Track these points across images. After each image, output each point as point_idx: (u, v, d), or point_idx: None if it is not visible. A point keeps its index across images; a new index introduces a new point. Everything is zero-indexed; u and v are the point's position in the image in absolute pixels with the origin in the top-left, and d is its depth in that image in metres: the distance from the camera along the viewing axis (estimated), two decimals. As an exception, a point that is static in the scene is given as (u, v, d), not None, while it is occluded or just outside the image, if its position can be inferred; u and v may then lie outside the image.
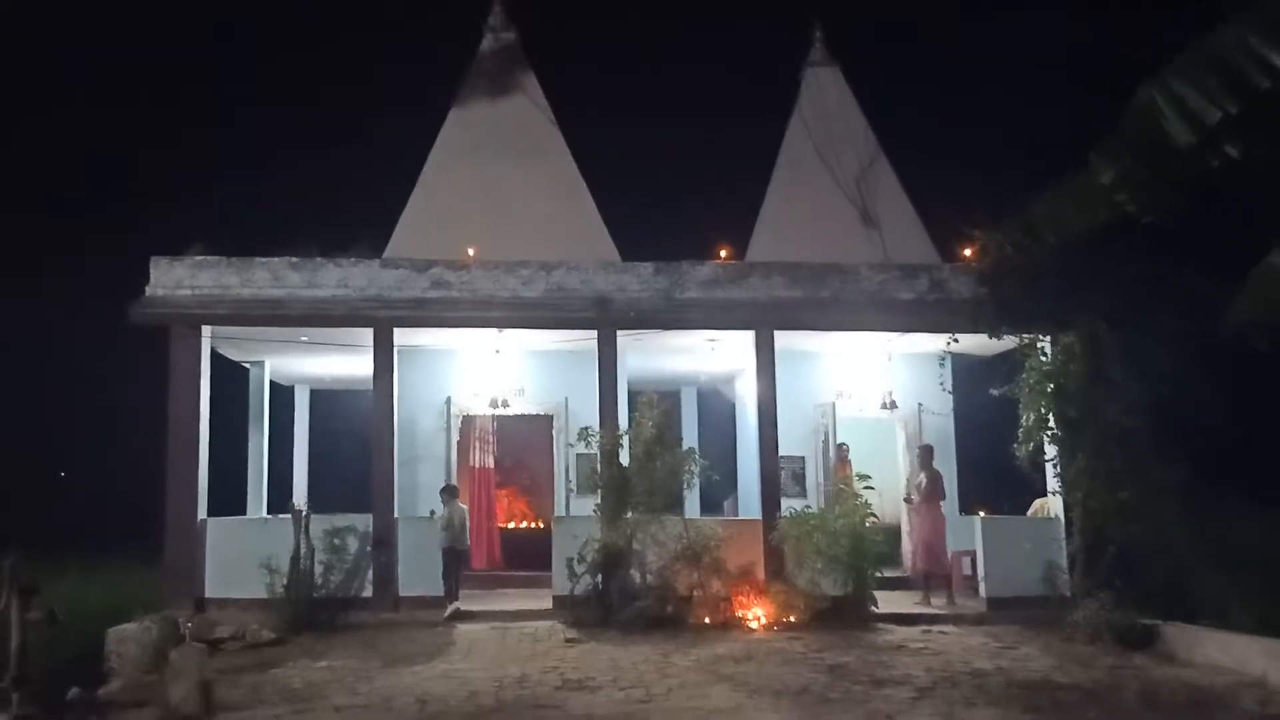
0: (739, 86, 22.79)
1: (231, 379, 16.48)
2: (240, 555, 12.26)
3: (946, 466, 15.18)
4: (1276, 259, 4.00)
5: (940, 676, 9.13)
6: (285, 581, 11.90)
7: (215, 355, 14.43)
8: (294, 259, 12.63)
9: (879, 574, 12.27)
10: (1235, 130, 4.20)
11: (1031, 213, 5.27)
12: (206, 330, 12.89)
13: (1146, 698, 8.39)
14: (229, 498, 15.75)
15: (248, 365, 16.14)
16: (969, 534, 13.79)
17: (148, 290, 12.74)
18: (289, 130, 28.15)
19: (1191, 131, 4.22)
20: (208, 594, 12.45)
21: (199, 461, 12.70)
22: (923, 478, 13.41)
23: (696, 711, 7.90)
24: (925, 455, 13.71)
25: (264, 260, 12.62)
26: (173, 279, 12.73)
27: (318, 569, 12.14)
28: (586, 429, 12.42)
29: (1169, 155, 4.36)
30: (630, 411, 13.24)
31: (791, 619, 11.72)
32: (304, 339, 13.95)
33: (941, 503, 13.48)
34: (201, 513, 12.74)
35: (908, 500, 13.69)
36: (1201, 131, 4.21)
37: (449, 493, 12.88)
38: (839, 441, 14.70)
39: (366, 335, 13.02)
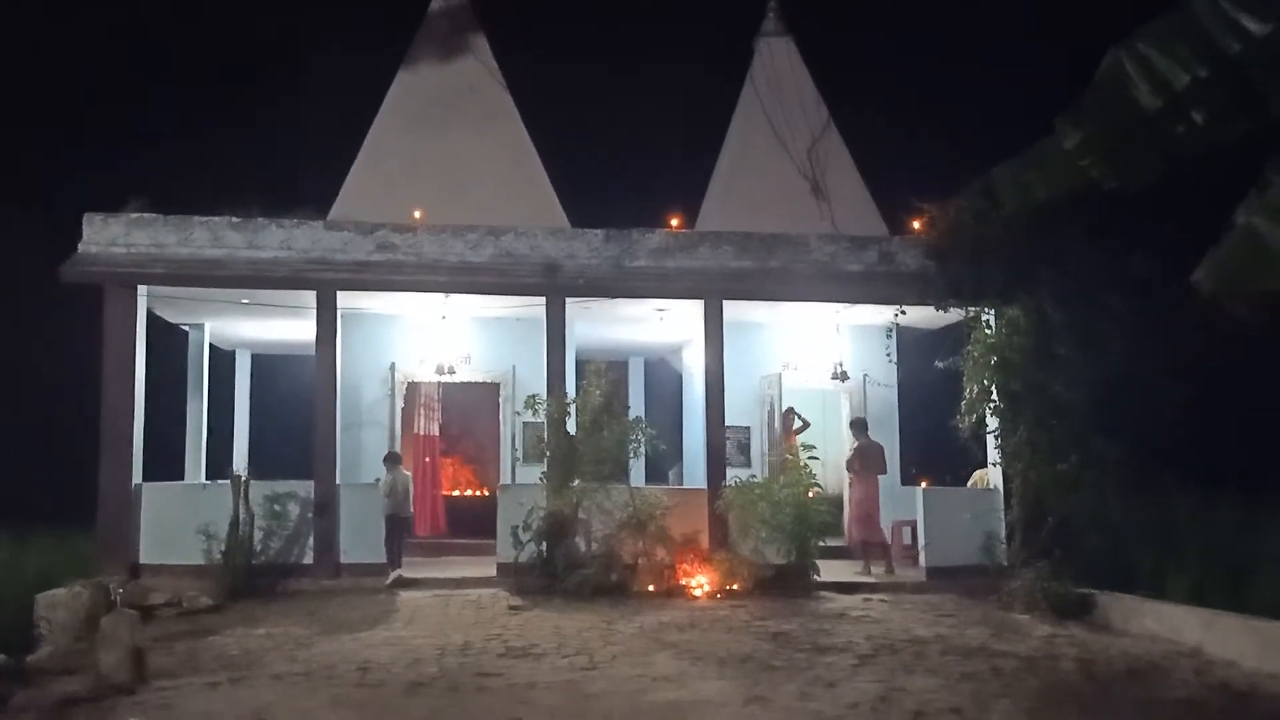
0: (692, 54, 22.61)
1: (169, 342, 16.11)
2: (177, 521, 12.03)
3: (889, 438, 15.34)
4: (1255, 220, 3.96)
5: (880, 644, 9.22)
6: (223, 548, 11.69)
7: (152, 317, 14.08)
8: (234, 219, 12.31)
9: (821, 543, 12.39)
10: (1204, 96, 4.17)
11: (993, 178, 5.22)
12: (142, 290, 12.53)
13: (1084, 666, 8.53)
14: (167, 464, 15.43)
15: (186, 328, 15.77)
16: (910, 504, 13.97)
17: (80, 247, 12.35)
18: (233, 88, 27.26)
19: (1159, 96, 4.19)
20: (143, 560, 12.19)
21: (134, 425, 12.39)
22: (852, 449, 13.57)
23: (640, 679, 7.89)
24: (857, 427, 13.83)
25: (203, 219, 12.28)
26: (107, 236, 12.35)
27: (257, 535, 11.97)
28: (534, 397, 12.32)
29: (1135, 121, 4.32)
30: (578, 381, 13.17)
31: (735, 587, 11.78)
32: (245, 301, 13.65)
33: (881, 474, 13.67)
34: (136, 478, 12.46)
35: (850, 469, 13.80)
36: (1169, 96, 4.18)
37: (391, 460, 12.73)
38: (786, 407, 14.75)
39: (309, 299, 12.76)
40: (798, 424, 14.31)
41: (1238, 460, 11.67)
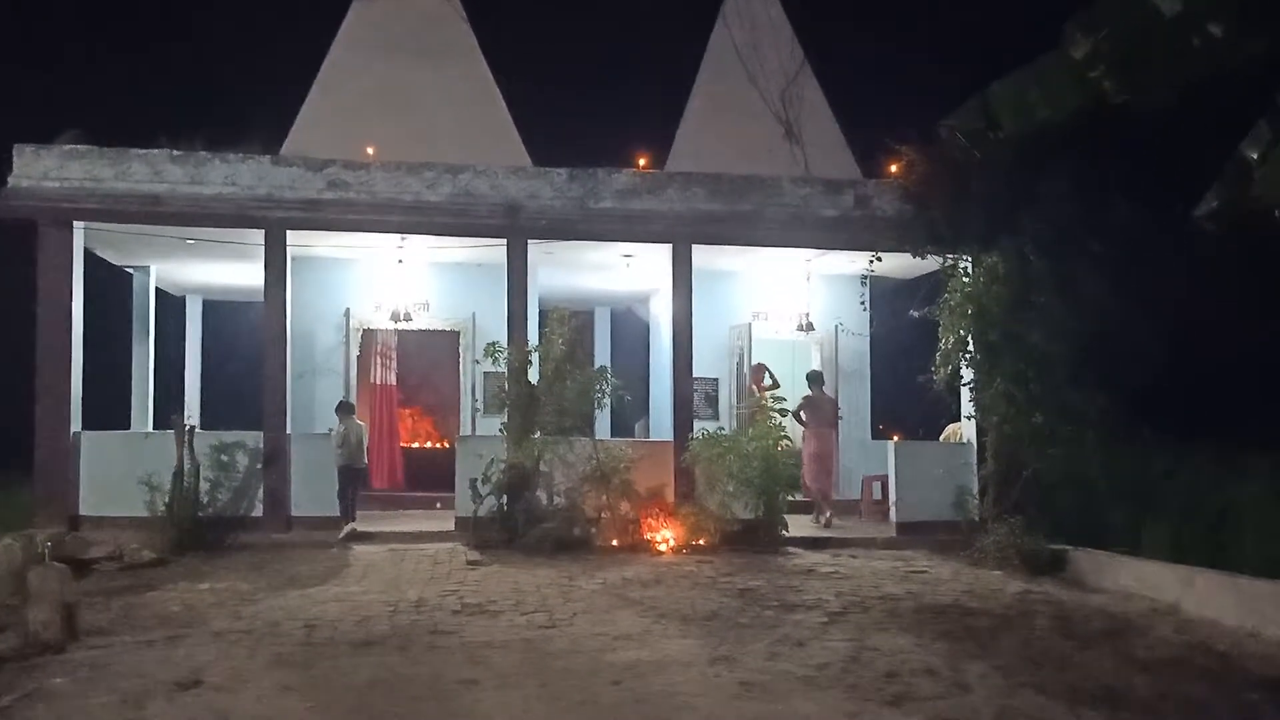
0: None
1: (114, 285, 15.44)
2: (119, 472, 11.48)
3: (860, 390, 15.07)
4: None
5: (851, 601, 8.92)
6: (167, 500, 11.16)
7: (94, 258, 13.47)
8: (175, 152, 11.61)
9: (790, 498, 12.08)
10: (1223, 5, 3.75)
11: (990, 96, 4.76)
12: (79, 228, 11.84)
13: (1059, 624, 8.27)
14: (113, 412, 14.87)
15: (130, 270, 15.10)
16: (881, 459, 13.70)
17: (10, 180, 11.63)
18: (178, 15, 25.88)
19: (1178, 0, 3.76)
20: (83, 512, 11.67)
21: (71, 370, 11.79)
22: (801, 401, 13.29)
23: (602, 638, 7.51)
24: (812, 378, 13.58)
25: (141, 152, 11.57)
26: (39, 169, 11.62)
27: (204, 487, 11.44)
28: (494, 344, 11.82)
29: (1152, 28, 3.89)
30: (541, 329, 12.68)
31: (701, 542, 11.44)
32: (190, 241, 12.98)
33: (831, 427, 13.48)
34: (75, 426, 11.86)
35: (797, 420, 13.38)
36: (1188, 2, 3.75)
37: (344, 409, 12.22)
38: (755, 362, 14.37)
39: (259, 239, 12.13)
40: (768, 381, 13.95)
41: (1216, 412, 11.42)
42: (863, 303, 12.81)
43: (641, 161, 13.73)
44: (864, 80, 18.63)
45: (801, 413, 13.21)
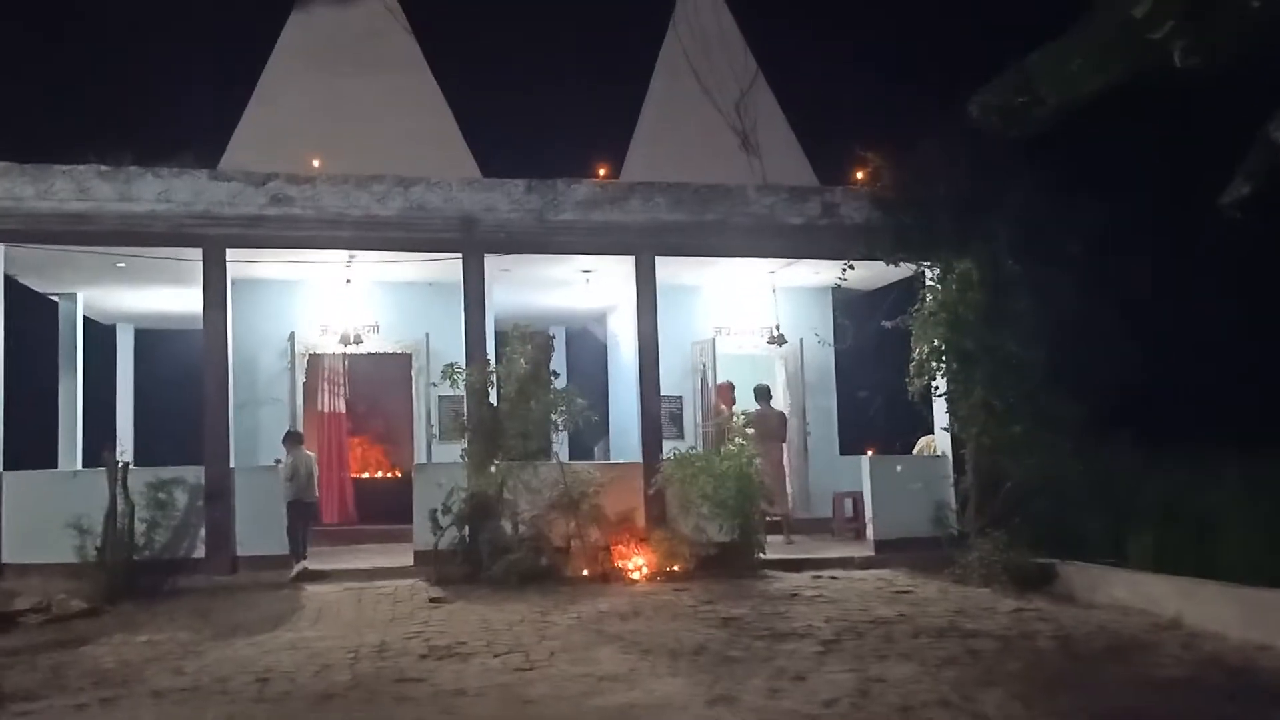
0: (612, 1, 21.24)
1: (37, 314, 14.53)
2: (45, 514, 10.60)
3: (827, 404, 14.70)
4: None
5: (842, 627, 8.45)
6: (99, 543, 10.33)
7: (15, 285, 12.60)
8: (103, 167, 10.82)
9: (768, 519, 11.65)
10: None
11: (1031, 67, 4.30)
12: (-1, 252, 11.02)
13: (1063, 644, 7.88)
14: (38, 450, 13.89)
15: (55, 298, 14.20)
16: (849, 474, 13.34)
17: (-80, 201, 10.75)
18: (104, 28, 24.51)
19: None
20: (6, 559, 10.77)
21: (-10, 407, 10.91)
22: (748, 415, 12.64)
23: (586, 679, 6.92)
24: (759, 394, 13.23)
25: (66, 168, 10.77)
26: (-48, 189, 10.76)
27: (139, 527, 10.62)
28: (453, 365, 11.20)
29: None
30: (498, 350, 12.10)
31: (676, 568, 10.92)
32: (120, 264, 12.20)
33: (781, 442, 13.19)
34: (-4, 465, 10.98)
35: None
36: None
37: (292, 439, 11.50)
38: (722, 380, 13.91)
39: (195, 260, 11.39)
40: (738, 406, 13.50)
41: (1194, 414, 11.21)
42: (835, 314, 12.43)
43: (602, 171, 13.25)
44: (818, 89, 18.35)
45: (748, 428, 12.74)
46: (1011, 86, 4.38)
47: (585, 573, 10.77)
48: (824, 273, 13.67)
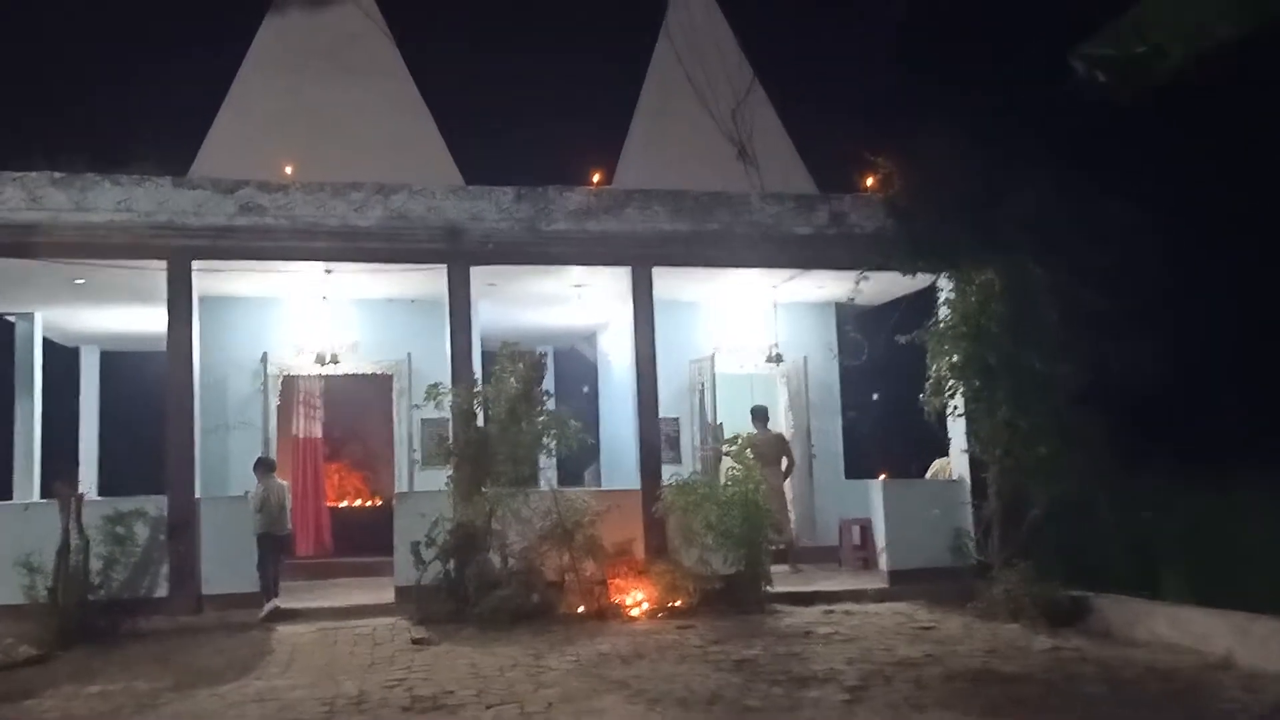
0: (600, 3, 20.51)
1: (-8, 337, 13.70)
2: (-8, 551, 9.71)
3: (831, 426, 13.97)
4: None
5: (867, 670, 7.69)
6: (50, 583, 9.46)
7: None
8: (57, 174, 10.01)
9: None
10: None
11: (1144, 16, 3.60)
12: (-58, 267, 10.19)
13: (1114, 688, 7.16)
14: (-9, 481, 13.04)
15: (11, 318, 13.34)
16: (856, 499, 12.61)
17: None
18: (68, 30, 23.45)
19: None
20: (-50, 602, 9.84)
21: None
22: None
23: (590, 737, 6.15)
24: (756, 415, 12.53)
25: (16, 175, 9.95)
26: (-108, 199, 9.93)
27: (96, 564, 9.75)
28: (437, 385, 10.41)
29: None
30: (484, 369, 11.33)
31: (678, 603, 10.14)
32: (79, 281, 11.38)
33: (780, 466, 12.44)
34: (-60, 499, 10.11)
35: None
36: None
37: (263, 467, 10.67)
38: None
39: (159, 275, 10.58)
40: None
41: (1233, 434, 10.53)
42: (848, 329, 11.72)
43: (596, 178, 12.55)
44: (818, 96, 17.72)
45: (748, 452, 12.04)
46: (1127, 37, 3.67)
47: (581, 609, 9.99)
48: (828, 287, 12.99)
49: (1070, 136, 8.98)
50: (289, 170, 11.48)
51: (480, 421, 10.37)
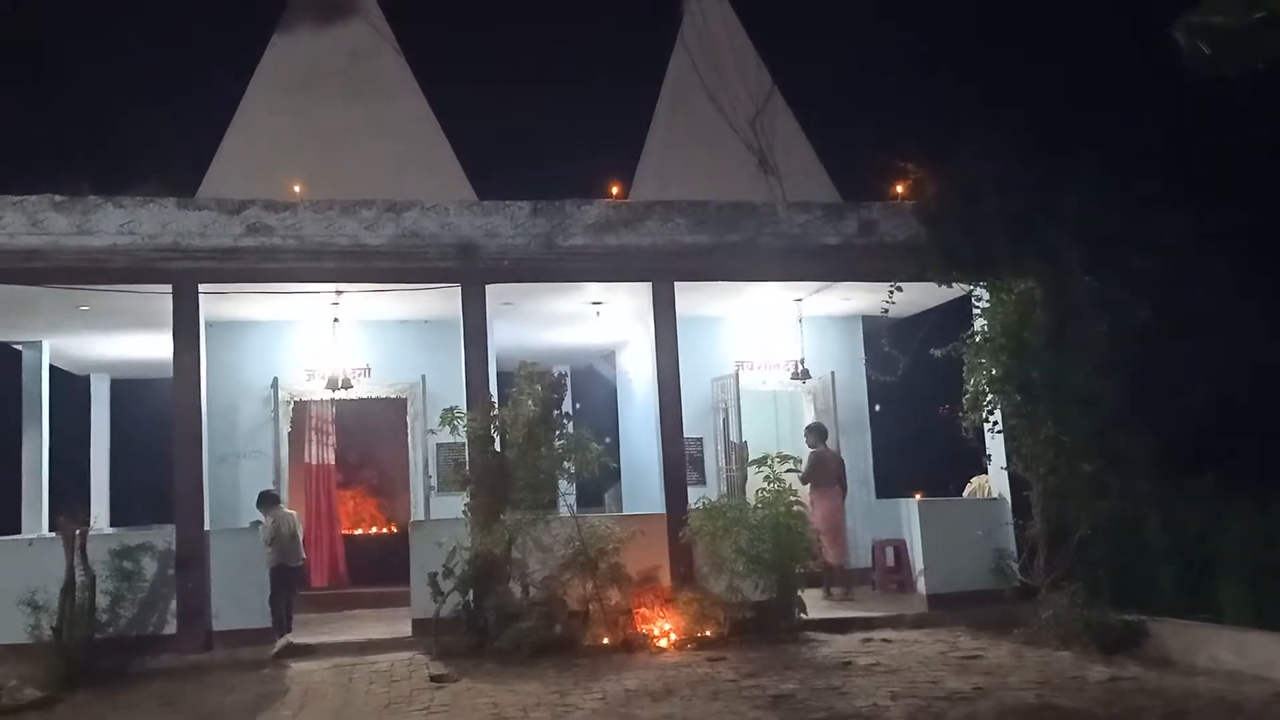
0: (613, 13, 20.13)
1: (1, 366, 13.40)
2: (-3, 588, 9.35)
3: (861, 444, 13.49)
4: None
5: (914, 706, 7.22)
6: (55, 621, 9.08)
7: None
8: (58, 197, 9.70)
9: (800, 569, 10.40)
10: None
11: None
12: (-58, 295, 9.88)
13: (1181, 722, 6.66)
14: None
15: (18, 346, 13.05)
16: (889, 520, 12.16)
17: None
18: (73, 52, 23.21)
19: None
20: (-46, 641, 9.47)
21: (-66, 468, 9.71)
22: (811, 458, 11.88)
23: (623, 788, 5.69)
24: (814, 432, 12.13)
25: (16, 199, 9.64)
26: (-114, 224, 9.63)
27: (102, 601, 9.39)
28: (453, 409, 10.01)
29: None
30: (501, 391, 10.93)
31: (707, 633, 9.69)
32: (84, 308, 11.07)
33: (839, 487, 12.02)
34: (-58, 534, 9.76)
35: (805, 481, 11.82)
36: None
37: (267, 500, 10.27)
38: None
39: (165, 300, 10.24)
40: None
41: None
42: (883, 343, 11.25)
43: (615, 191, 12.16)
44: (840, 103, 17.31)
45: (810, 472, 11.66)
46: (1240, 4, 3.24)
47: (605, 641, 9.54)
48: (855, 299, 12.56)
49: (1125, 136, 8.54)
50: (297, 189, 11.14)
51: (497, 445, 9.95)
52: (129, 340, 12.95)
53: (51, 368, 13.43)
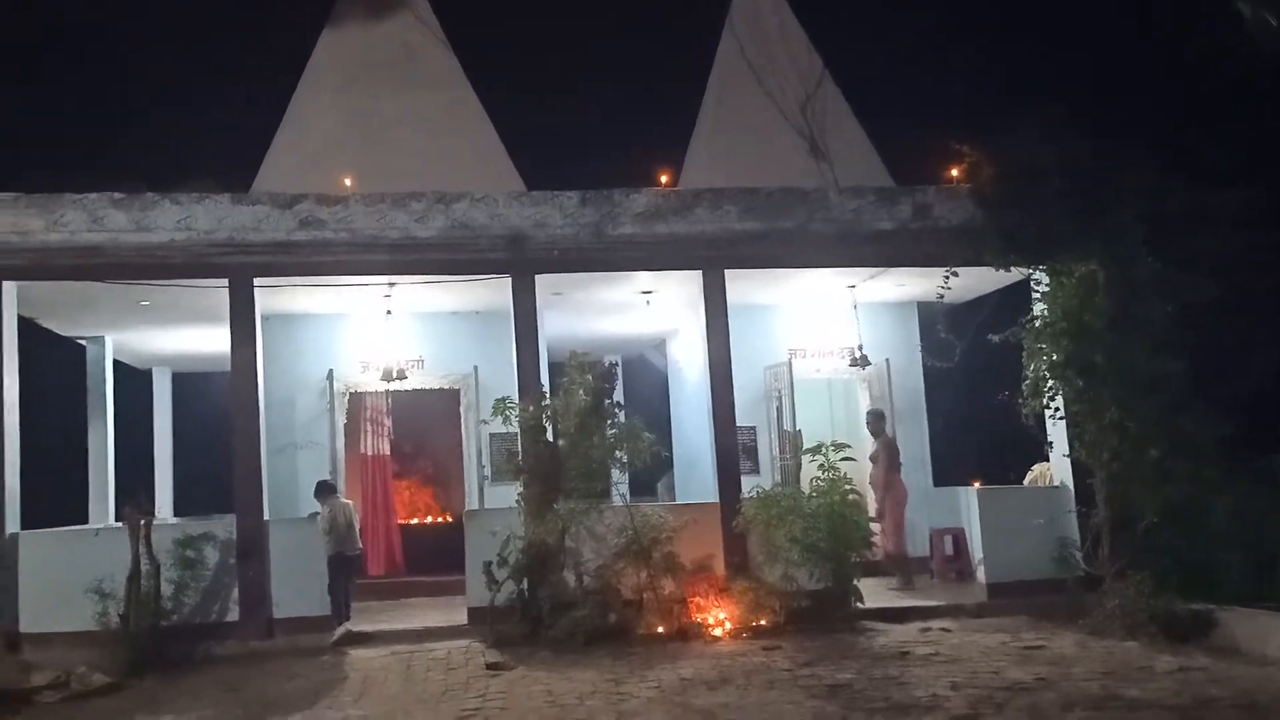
0: (660, 3, 20.03)
1: (64, 360, 13.69)
2: (65, 577, 9.58)
3: (918, 431, 13.31)
4: None
5: (975, 696, 7.10)
6: (122, 609, 9.30)
7: (37, 330, 11.77)
8: (117, 195, 9.87)
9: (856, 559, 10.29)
10: None
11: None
12: (10, 290, 10.09)
13: (1252, 714, 6.48)
14: (67, 505, 12.97)
15: (83, 341, 13.32)
16: (946, 508, 12.00)
17: (-81, 237, 9.88)
18: (128, 53, 23.59)
19: None
20: (24, 628, 9.74)
21: (5, 459, 9.96)
22: (875, 448, 11.98)
23: (679, 778, 5.67)
24: (874, 421, 12.11)
25: (77, 197, 9.83)
26: (-47, 223, 9.87)
27: (166, 590, 9.58)
28: (504, 399, 10.05)
29: None
30: (552, 381, 10.94)
31: (762, 622, 9.62)
32: (144, 303, 11.27)
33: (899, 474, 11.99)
34: (13, 525, 10.00)
35: (879, 466, 11.82)
36: None
37: (324, 490, 10.41)
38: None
39: (221, 294, 10.39)
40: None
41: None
42: (926, 329, 11.08)
43: (664, 179, 12.08)
44: (891, 86, 17.03)
45: (883, 459, 11.67)
46: None
47: (660, 630, 9.53)
48: (909, 285, 12.37)
49: (1188, 113, 8.31)
50: (348, 183, 11.24)
51: (550, 435, 9.97)
52: (188, 334, 13.17)
53: (115, 362, 13.72)
